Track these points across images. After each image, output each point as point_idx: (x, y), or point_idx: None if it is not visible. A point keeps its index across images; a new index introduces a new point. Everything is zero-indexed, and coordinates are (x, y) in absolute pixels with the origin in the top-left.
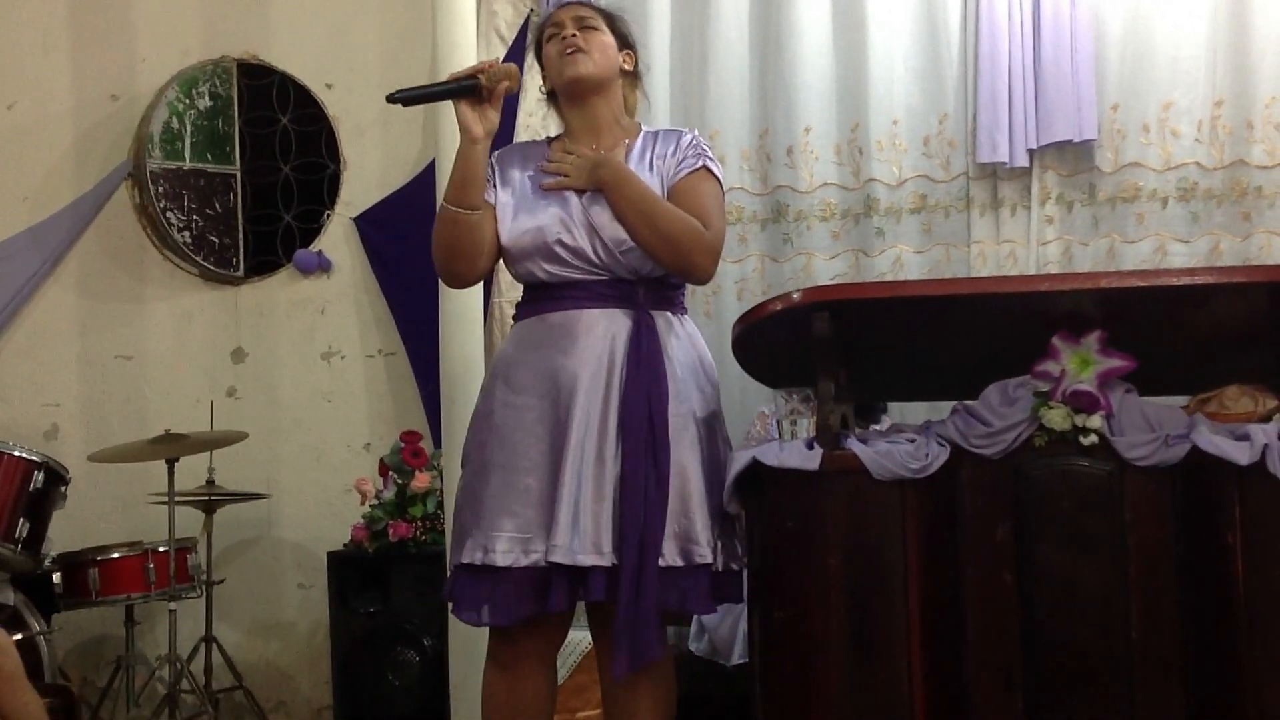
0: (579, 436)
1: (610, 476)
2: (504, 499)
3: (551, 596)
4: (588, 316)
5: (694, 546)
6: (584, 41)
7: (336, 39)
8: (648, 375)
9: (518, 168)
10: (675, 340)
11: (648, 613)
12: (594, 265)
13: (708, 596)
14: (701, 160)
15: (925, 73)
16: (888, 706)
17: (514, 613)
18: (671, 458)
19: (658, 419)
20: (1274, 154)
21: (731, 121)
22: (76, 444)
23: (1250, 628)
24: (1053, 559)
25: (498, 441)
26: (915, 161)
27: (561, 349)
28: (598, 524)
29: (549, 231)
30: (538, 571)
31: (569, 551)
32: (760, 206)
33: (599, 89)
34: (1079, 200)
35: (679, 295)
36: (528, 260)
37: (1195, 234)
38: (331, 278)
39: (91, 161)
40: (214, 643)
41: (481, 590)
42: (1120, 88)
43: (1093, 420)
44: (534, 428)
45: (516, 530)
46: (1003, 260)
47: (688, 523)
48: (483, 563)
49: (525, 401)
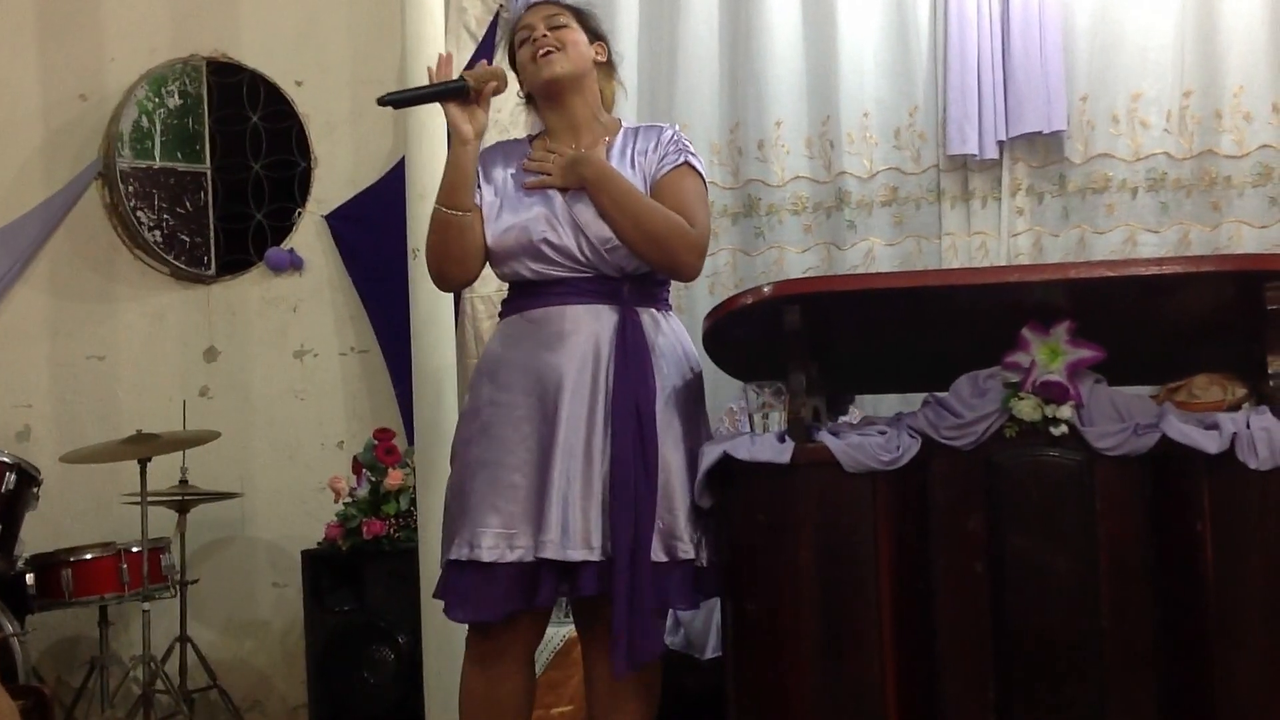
0: (566, 433)
1: (598, 473)
2: (490, 496)
3: (539, 592)
4: (573, 313)
5: (677, 542)
6: (556, 40)
7: (306, 36)
8: (635, 372)
9: (500, 166)
10: (661, 337)
11: (646, 610)
12: (579, 263)
13: (690, 592)
14: (684, 156)
15: (895, 65)
16: (860, 698)
17: (501, 608)
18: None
19: (645, 416)
20: (1243, 144)
21: (702, 115)
22: (48, 445)
23: (1220, 616)
24: (1023, 549)
25: (485, 439)
26: (886, 154)
27: (548, 346)
28: (587, 519)
29: (534, 230)
30: (523, 567)
31: (560, 547)
32: (731, 200)
33: (575, 87)
34: (1049, 191)
35: (663, 292)
36: (513, 259)
37: (1165, 224)
38: (303, 275)
39: (61, 161)
40: (188, 642)
41: (469, 586)
42: (1089, 79)
43: (1063, 410)
44: (521, 425)
45: (502, 526)
46: (974, 252)
47: (671, 519)
48: (469, 559)
49: (512, 399)
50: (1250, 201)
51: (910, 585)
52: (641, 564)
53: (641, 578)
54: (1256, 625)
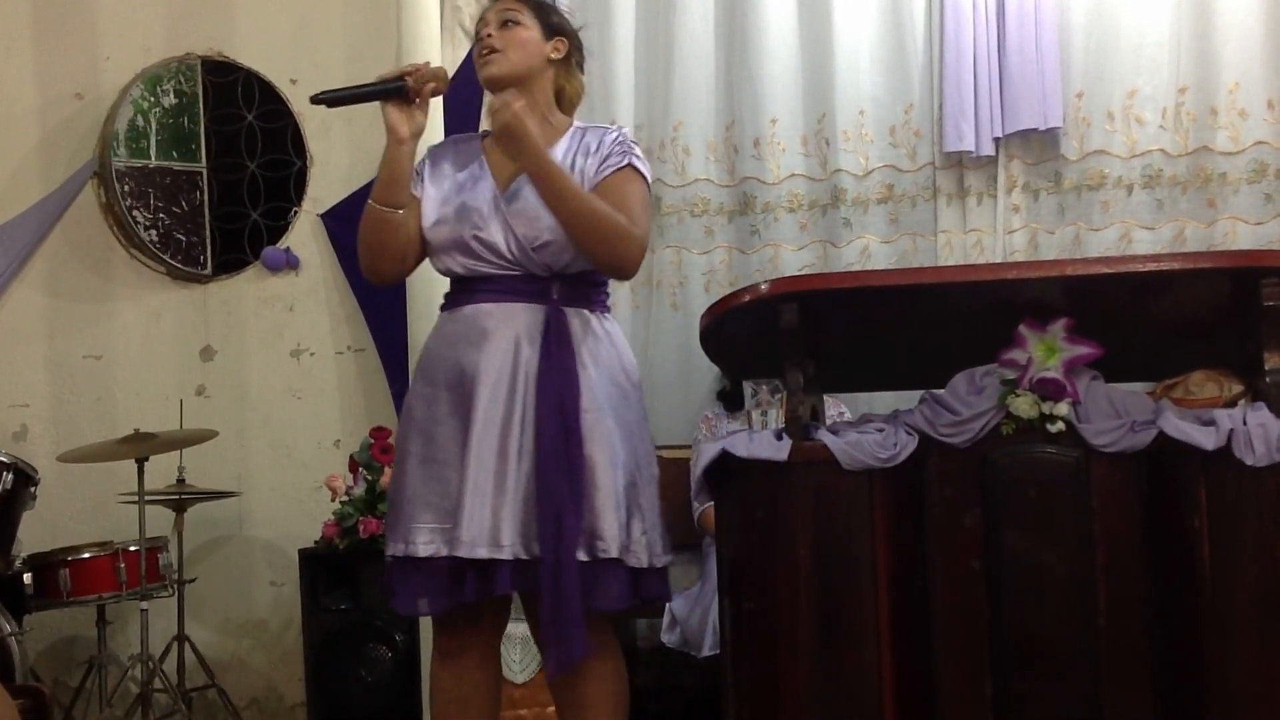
0: (480, 432)
1: (513, 472)
2: (424, 491)
3: (466, 588)
4: (499, 311)
5: (598, 542)
6: (499, 40)
7: (301, 35)
8: (558, 371)
9: (449, 162)
10: (592, 338)
11: (571, 611)
12: (506, 260)
13: (620, 593)
14: (628, 158)
15: (891, 63)
16: (857, 695)
17: (437, 603)
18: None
19: (569, 415)
20: (1238, 140)
21: (698, 113)
22: (45, 444)
23: (1216, 612)
24: (1020, 546)
25: (415, 434)
26: (882, 152)
27: (470, 342)
28: (497, 518)
29: (465, 226)
30: (455, 562)
31: (469, 545)
32: (727, 198)
33: (520, 86)
34: (1045, 188)
35: (598, 294)
36: (445, 254)
37: (1160, 221)
38: (300, 275)
39: (57, 161)
40: (186, 641)
41: (410, 581)
42: (1085, 75)
43: (1059, 407)
44: (447, 420)
45: (436, 521)
46: (969, 249)
47: (593, 518)
48: (405, 555)
49: (437, 394)
50: (1245, 198)
51: (907, 582)
52: (566, 565)
53: (567, 579)
54: (1252, 621)
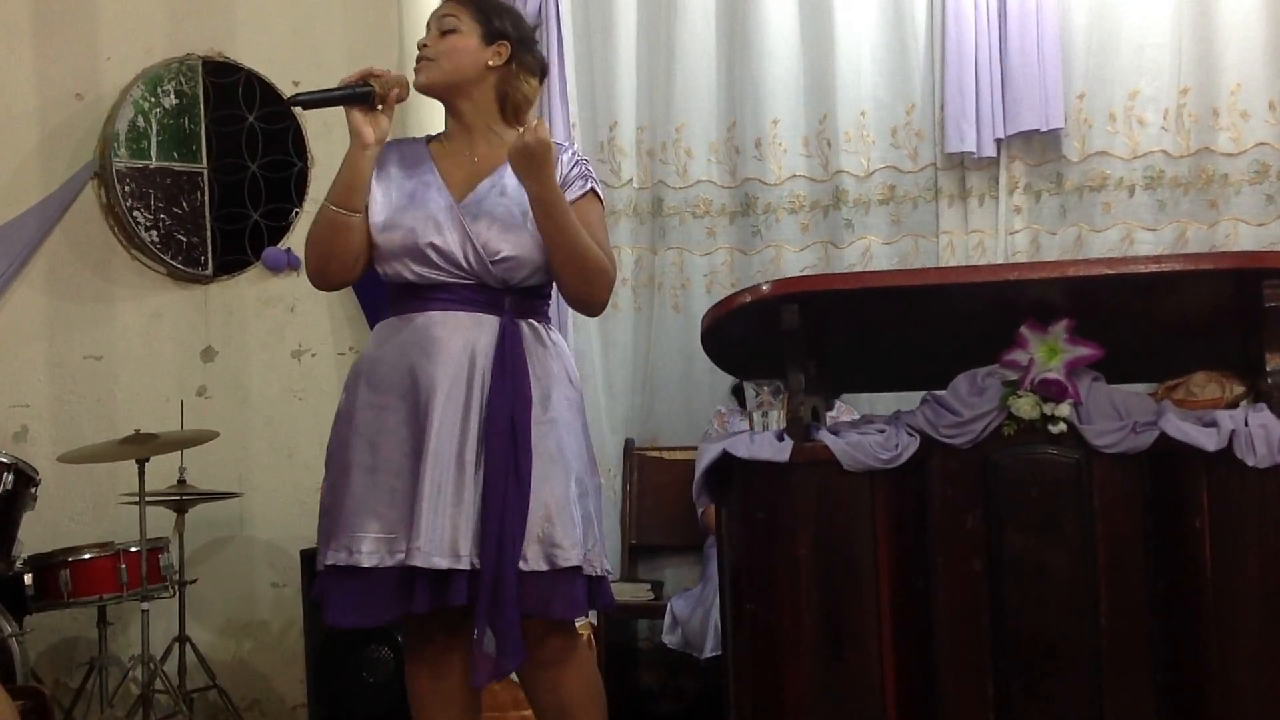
0: (437, 441)
1: (470, 481)
2: (368, 500)
3: (415, 598)
4: (452, 320)
5: (557, 550)
6: (433, 49)
7: (302, 35)
8: (511, 382)
9: (394, 165)
10: (541, 349)
11: (508, 619)
12: (463, 270)
13: (577, 600)
14: (590, 183)
15: (892, 64)
16: (859, 696)
17: (382, 614)
18: (534, 464)
19: (520, 426)
20: (1239, 141)
21: (699, 114)
22: (46, 445)
23: (1218, 613)
24: (1022, 547)
25: (360, 442)
26: (883, 152)
27: (423, 350)
28: (455, 527)
29: (420, 233)
30: (403, 572)
31: (426, 555)
32: (729, 199)
33: (457, 94)
34: (1046, 189)
35: (545, 305)
36: (395, 260)
37: (1162, 222)
38: (301, 275)
39: (57, 161)
40: (187, 642)
41: (349, 592)
42: (1087, 77)
43: (1061, 408)
44: (397, 429)
45: (381, 531)
46: (971, 250)
47: (550, 527)
48: (347, 564)
49: (386, 401)
50: (1247, 199)
51: (909, 583)
52: (505, 574)
53: (505, 588)
54: (1254, 622)
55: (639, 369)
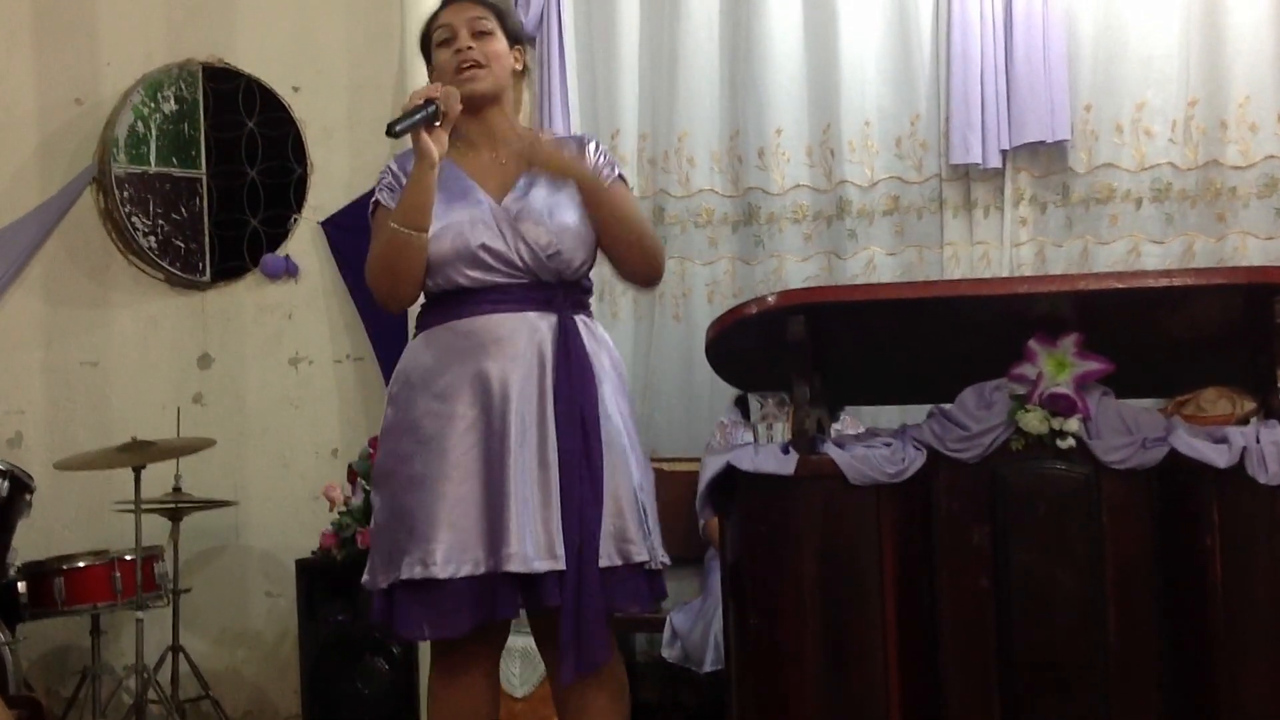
0: (519, 444)
1: (553, 480)
2: (439, 510)
3: (499, 605)
4: (512, 321)
5: (630, 545)
6: (481, 54)
7: (303, 42)
8: (577, 379)
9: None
10: (594, 343)
11: (594, 615)
12: (517, 269)
13: (645, 595)
14: (617, 169)
15: (897, 73)
16: (863, 713)
17: (459, 625)
18: (605, 459)
19: (589, 421)
20: (1248, 154)
21: (702, 123)
22: (41, 452)
23: (1228, 631)
24: (1029, 563)
25: (426, 453)
26: (887, 163)
27: (489, 355)
28: (549, 530)
29: (470, 237)
30: (479, 580)
31: (525, 559)
32: (731, 208)
33: (495, 100)
34: (1052, 201)
35: (588, 299)
36: (448, 266)
37: (1169, 235)
38: (299, 282)
39: (56, 166)
40: (181, 652)
41: (424, 605)
42: (1093, 88)
43: (1070, 423)
44: (466, 436)
45: (455, 541)
46: (976, 262)
47: (622, 522)
48: (423, 577)
49: (453, 410)
50: (1255, 212)
51: (915, 599)
52: (588, 569)
53: (589, 583)
54: (1264, 641)
55: (639, 379)
